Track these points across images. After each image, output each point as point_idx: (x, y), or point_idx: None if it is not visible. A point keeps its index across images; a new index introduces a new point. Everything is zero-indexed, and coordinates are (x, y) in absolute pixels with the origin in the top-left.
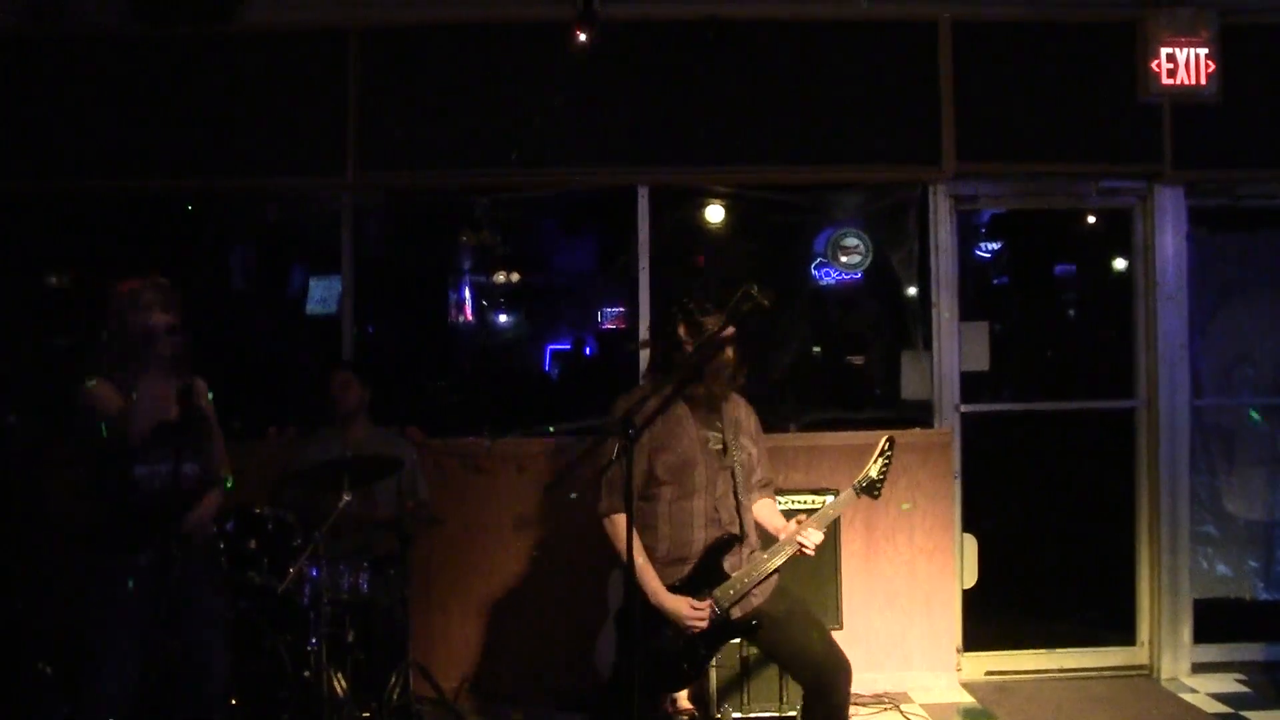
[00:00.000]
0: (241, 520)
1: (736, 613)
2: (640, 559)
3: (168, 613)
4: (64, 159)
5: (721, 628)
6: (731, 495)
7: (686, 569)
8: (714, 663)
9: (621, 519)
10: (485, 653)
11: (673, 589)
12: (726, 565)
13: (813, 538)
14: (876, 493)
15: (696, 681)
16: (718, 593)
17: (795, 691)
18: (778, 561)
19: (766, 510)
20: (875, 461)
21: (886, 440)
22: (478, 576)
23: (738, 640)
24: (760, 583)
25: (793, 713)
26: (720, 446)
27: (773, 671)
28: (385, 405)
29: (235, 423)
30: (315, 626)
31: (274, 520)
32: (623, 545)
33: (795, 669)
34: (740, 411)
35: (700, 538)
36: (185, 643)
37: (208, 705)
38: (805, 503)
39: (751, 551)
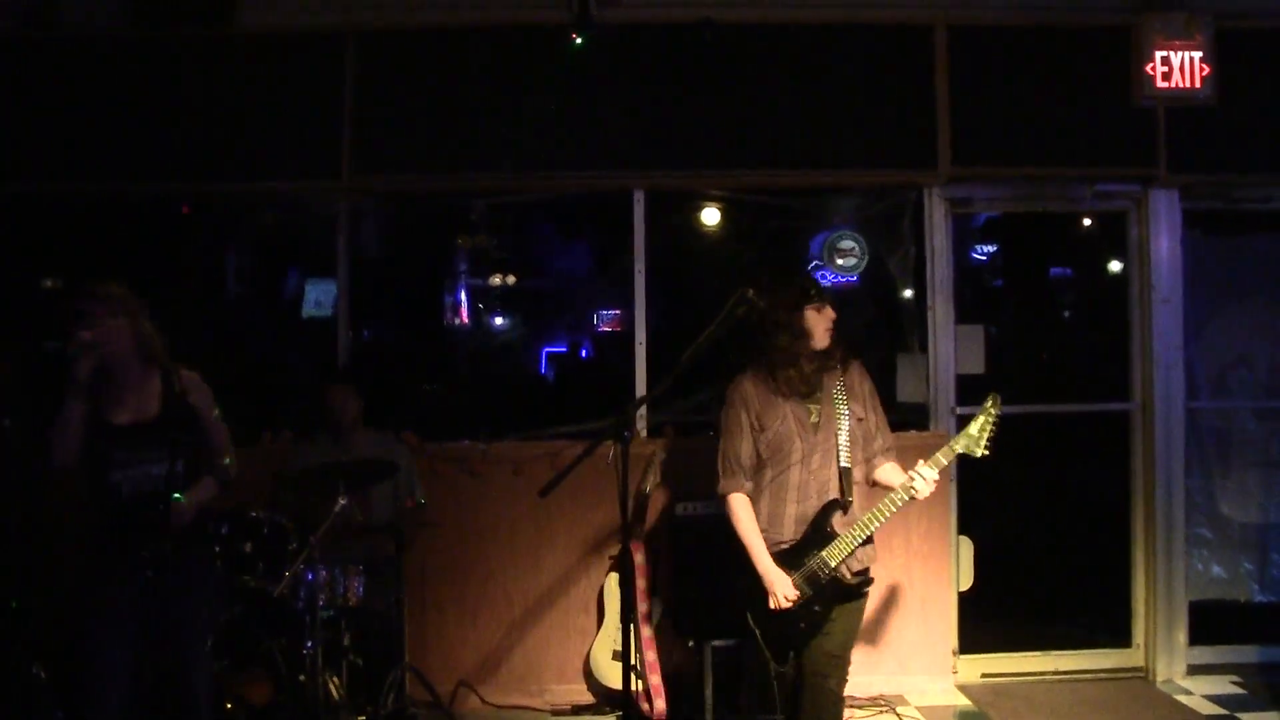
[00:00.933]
0: (237, 524)
1: (846, 573)
2: (751, 528)
3: (155, 623)
4: (59, 162)
5: (832, 586)
6: (833, 465)
7: (784, 542)
8: (709, 662)
9: (736, 498)
10: (480, 657)
11: (774, 558)
12: (836, 526)
13: (923, 482)
14: (981, 447)
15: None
16: (824, 553)
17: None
18: (887, 513)
19: (889, 473)
20: (977, 418)
21: (990, 398)
22: (473, 581)
23: (733, 643)
24: (868, 542)
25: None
26: (816, 420)
27: (766, 677)
28: (381, 409)
29: (229, 427)
30: (310, 630)
31: (269, 524)
32: (736, 523)
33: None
34: (854, 379)
35: (792, 512)
36: (172, 658)
37: None
38: None
39: (852, 515)
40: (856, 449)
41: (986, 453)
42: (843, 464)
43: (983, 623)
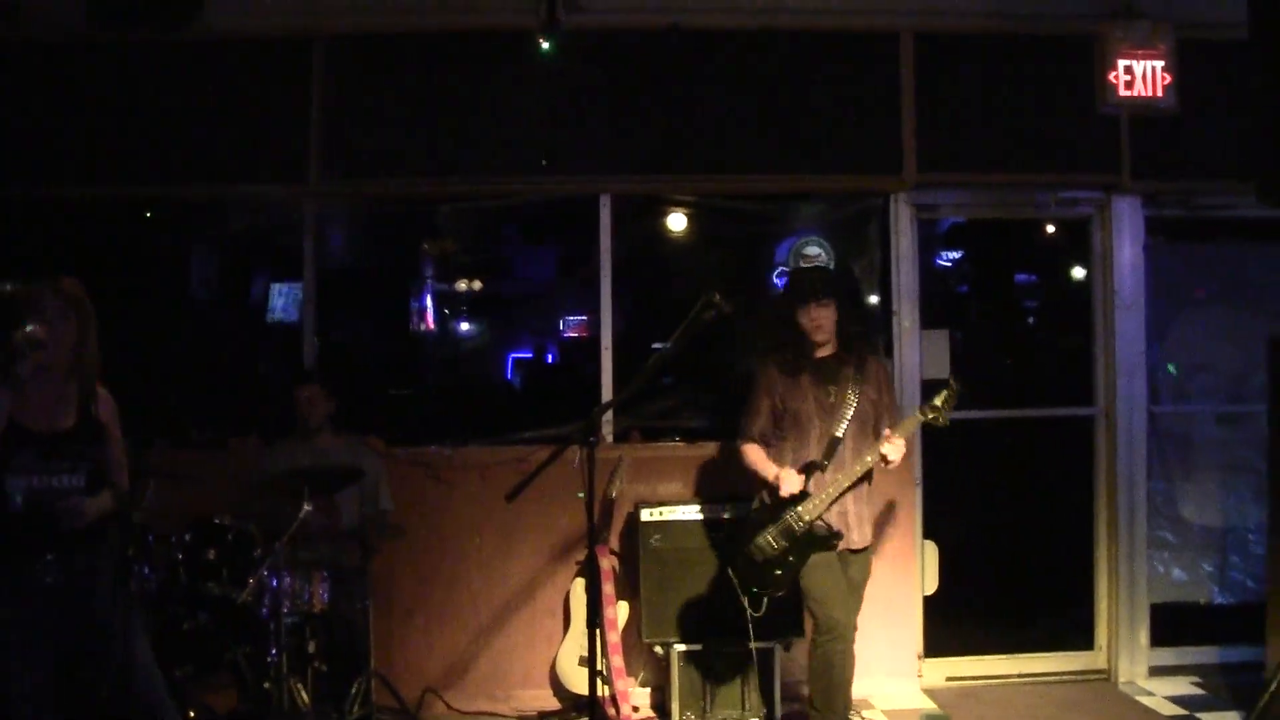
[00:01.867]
0: (201, 531)
1: (821, 525)
2: (760, 457)
3: (71, 630)
4: (22, 165)
5: (805, 538)
6: (845, 440)
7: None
8: (676, 666)
9: (751, 447)
10: (446, 663)
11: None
12: (811, 485)
13: (892, 448)
14: (939, 419)
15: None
16: (799, 508)
17: (756, 699)
18: (857, 471)
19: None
20: (940, 393)
21: (950, 376)
22: (439, 586)
23: (699, 646)
24: (839, 498)
25: (755, 719)
26: (834, 400)
27: (735, 680)
28: (347, 414)
29: (195, 432)
30: (276, 637)
31: (234, 530)
32: (747, 460)
33: (823, 605)
34: (869, 368)
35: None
36: (101, 669)
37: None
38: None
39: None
40: (866, 424)
41: (947, 424)
42: (836, 434)
43: (948, 626)
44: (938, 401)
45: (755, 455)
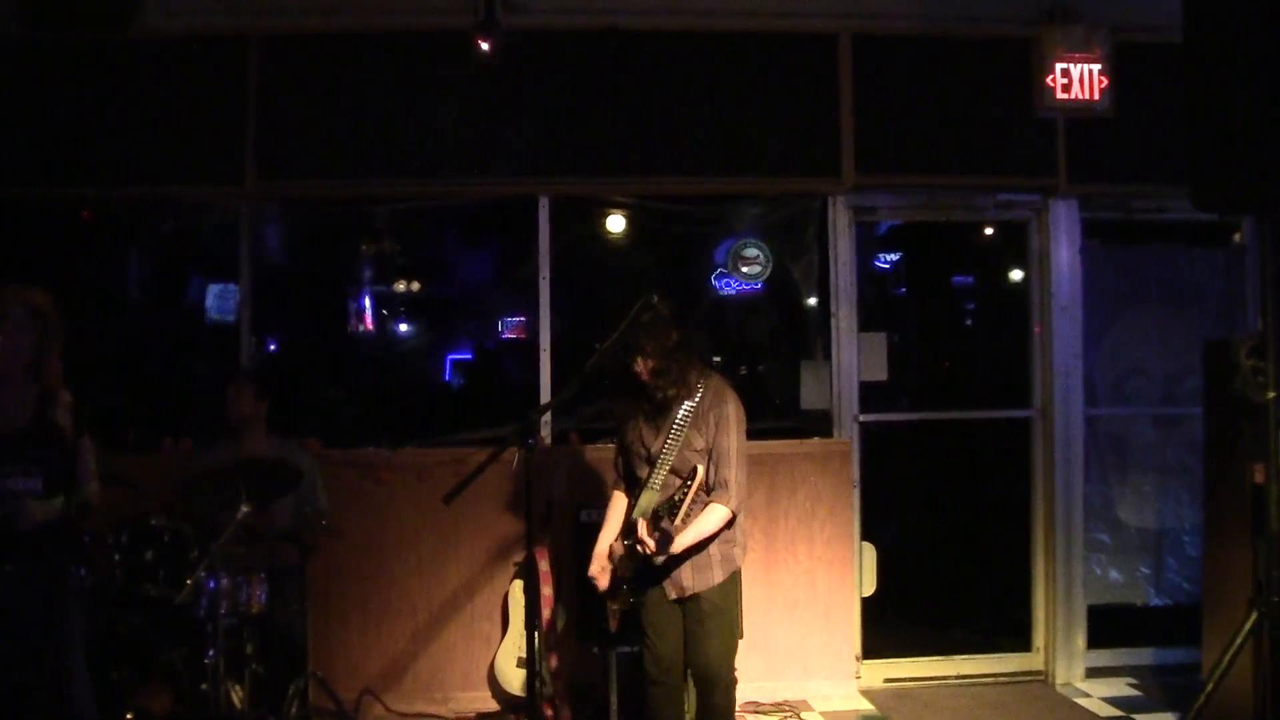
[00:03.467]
0: (137, 532)
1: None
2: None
3: (15, 639)
4: None
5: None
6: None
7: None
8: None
9: (614, 496)
10: (385, 665)
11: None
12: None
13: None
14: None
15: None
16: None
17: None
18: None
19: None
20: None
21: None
22: (377, 588)
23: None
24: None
25: None
26: (649, 447)
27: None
28: (284, 416)
29: (131, 434)
30: (212, 639)
31: (170, 532)
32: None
33: (690, 660)
34: (704, 405)
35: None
36: (39, 673)
37: None
38: None
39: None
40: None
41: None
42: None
43: (886, 628)
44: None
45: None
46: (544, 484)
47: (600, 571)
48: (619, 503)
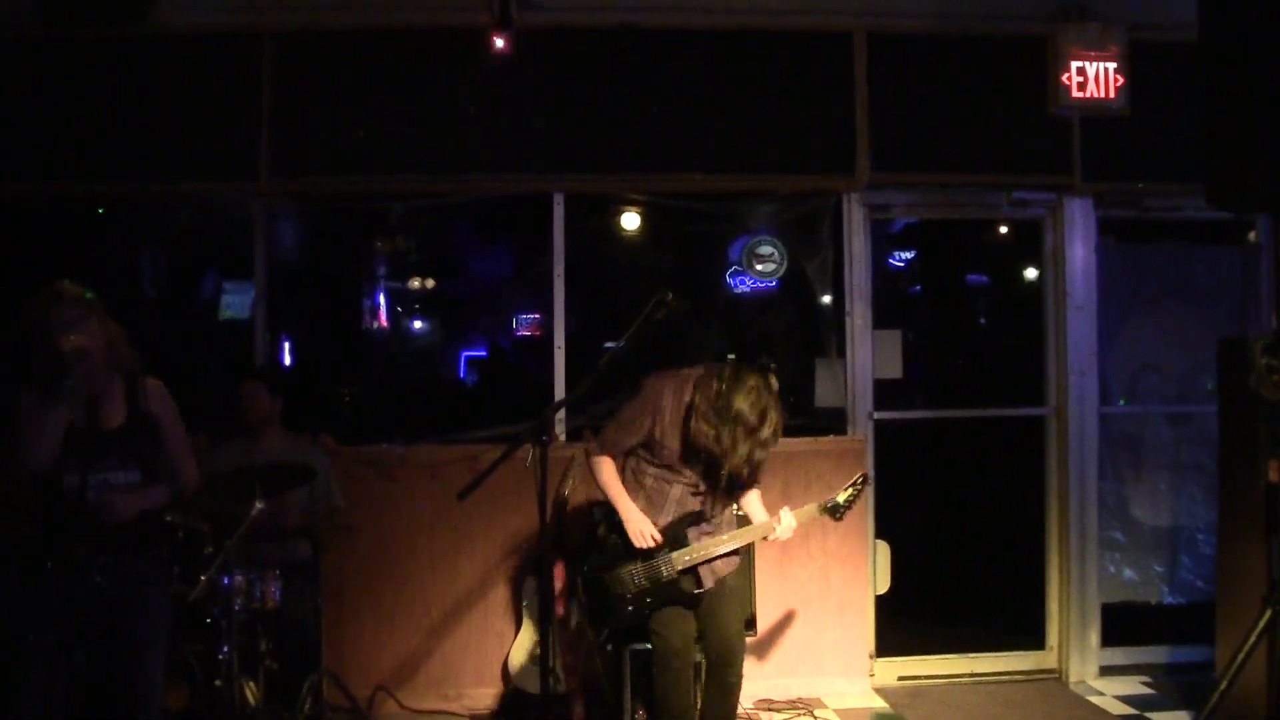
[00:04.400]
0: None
1: (689, 582)
2: (620, 490)
3: (92, 631)
4: None
5: (670, 586)
6: (713, 491)
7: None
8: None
9: (607, 465)
10: (398, 661)
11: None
12: (690, 534)
13: (784, 531)
14: (839, 515)
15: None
16: (674, 554)
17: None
18: (735, 544)
19: (749, 500)
20: (846, 490)
21: (861, 476)
22: (391, 585)
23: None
24: (718, 559)
25: None
26: (722, 455)
27: None
28: (298, 412)
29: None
30: (227, 636)
31: (185, 528)
32: (603, 483)
33: (708, 639)
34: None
35: (665, 522)
36: (116, 666)
37: None
38: None
39: (714, 532)
40: (735, 483)
41: (840, 520)
42: (719, 493)
43: (900, 626)
44: (841, 498)
45: (611, 480)
46: (558, 481)
47: (651, 540)
48: (613, 469)
